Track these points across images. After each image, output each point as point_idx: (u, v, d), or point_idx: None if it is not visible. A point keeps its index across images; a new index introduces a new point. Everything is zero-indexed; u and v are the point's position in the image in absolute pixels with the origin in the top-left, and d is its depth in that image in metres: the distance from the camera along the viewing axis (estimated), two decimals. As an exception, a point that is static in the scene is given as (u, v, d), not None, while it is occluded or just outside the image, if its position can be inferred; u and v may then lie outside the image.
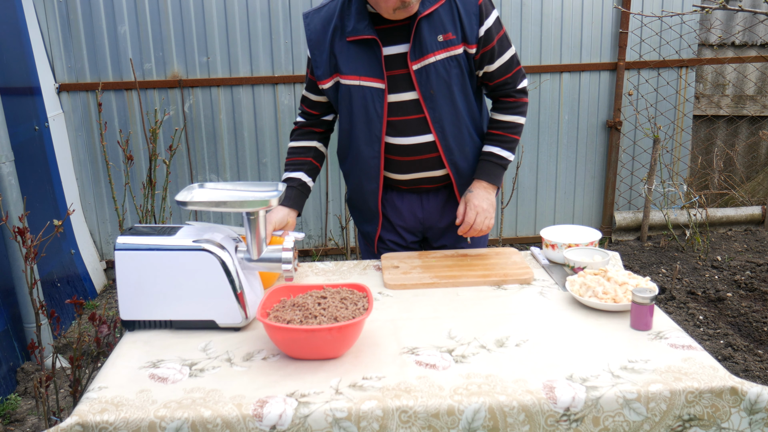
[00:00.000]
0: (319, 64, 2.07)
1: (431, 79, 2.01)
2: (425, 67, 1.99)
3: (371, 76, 2.01)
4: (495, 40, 2.04)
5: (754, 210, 5.15)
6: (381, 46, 1.98)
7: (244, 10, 4.40)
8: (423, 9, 1.94)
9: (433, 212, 2.24)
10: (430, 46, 1.98)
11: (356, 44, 2.01)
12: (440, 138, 2.08)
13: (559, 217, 5.01)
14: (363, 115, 2.06)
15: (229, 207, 1.69)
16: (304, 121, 2.25)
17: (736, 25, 5.10)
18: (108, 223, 4.65)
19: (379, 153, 2.10)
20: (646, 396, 1.36)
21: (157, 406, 1.35)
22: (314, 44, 2.07)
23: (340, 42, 2.02)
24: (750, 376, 3.12)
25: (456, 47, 1.99)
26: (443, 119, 2.06)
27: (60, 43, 4.33)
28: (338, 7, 2.03)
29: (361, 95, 2.04)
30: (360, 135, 2.11)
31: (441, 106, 2.04)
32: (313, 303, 1.60)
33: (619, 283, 1.76)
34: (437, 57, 1.99)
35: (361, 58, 2.01)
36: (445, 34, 1.98)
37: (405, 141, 2.09)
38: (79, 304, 2.27)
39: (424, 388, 1.39)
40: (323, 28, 2.04)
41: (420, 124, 2.07)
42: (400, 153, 2.11)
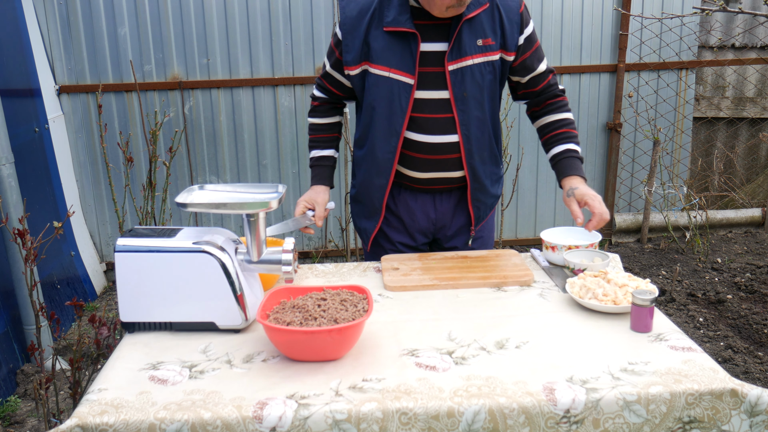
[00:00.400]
0: (351, 49, 2.06)
1: (465, 82, 2.02)
2: (461, 68, 2.01)
3: (402, 69, 2.01)
4: (534, 47, 2.11)
5: (754, 212, 5.15)
6: (420, 41, 1.99)
7: (244, 11, 4.41)
8: (467, 12, 1.96)
9: (445, 213, 2.24)
10: (468, 49, 2.00)
11: (393, 36, 2.00)
12: (464, 140, 2.09)
13: (559, 218, 5.01)
14: (386, 107, 2.06)
15: (229, 209, 1.69)
16: (326, 97, 2.25)
17: (736, 27, 5.11)
18: (108, 224, 4.65)
19: (396, 148, 2.10)
20: (646, 398, 1.36)
21: (156, 407, 1.35)
22: (348, 29, 2.05)
23: (376, 31, 2.02)
24: (750, 378, 3.11)
25: (494, 53, 2.03)
26: (470, 122, 2.07)
27: (60, 44, 4.33)
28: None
29: (387, 88, 2.04)
30: (379, 127, 2.10)
31: (471, 109, 2.06)
32: (313, 305, 1.60)
33: (619, 285, 1.76)
34: (474, 60, 2.01)
35: (395, 51, 2.01)
36: (484, 39, 2.01)
37: (428, 139, 2.09)
38: (79, 305, 2.27)
39: (424, 389, 1.39)
40: (360, 14, 2.04)
41: (446, 124, 2.07)
42: (421, 150, 2.11)
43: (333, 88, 2.22)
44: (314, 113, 2.29)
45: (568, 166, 2.11)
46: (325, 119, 2.27)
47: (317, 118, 2.28)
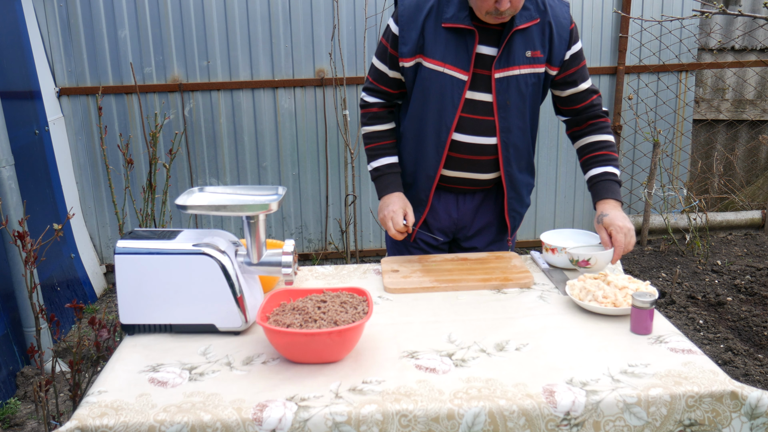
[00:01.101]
0: (407, 41, 2.05)
1: (510, 90, 2.04)
2: (507, 77, 2.02)
3: (457, 66, 2.02)
4: (579, 65, 2.12)
5: (754, 214, 5.15)
6: (477, 40, 2.00)
7: (245, 14, 4.41)
8: (520, 22, 1.97)
9: (467, 213, 2.25)
10: (517, 59, 2.01)
11: (450, 31, 2.01)
12: (503, 146, 2.11)
13: (559, 221, 5.01)
14: (438, 102, 2.07)
15: (229, 211, 1.69)
16: (380, 101, 2.22)
17: (736, 30, 5.11)
18: (108, 227, 4.65)
19: (445, 142, 2.10)
20: (646, 400, 1.36)
21: (156, 410, 1.35)
22: (405, 20, 2.05)
23: (434, 26, 2.02)
24: (750, 381, 3.11)
25: (540, 65, 2.05)
26: (511, 128, 2.09)
27: (60, 47, 4.34)
28: None
29: (440, 83, 2.04)
30: (430, 122, 2.11)
31: (512, 116, 2.08)
32: (313, 307, 1.60)
33: (619, 287, 1.76)
34: (521, 71, 2.03)
35: (451, 46, 2.01)
36: (534, 51, 2.02)
37: (466, 138, 2.10)
38: (79, 308, 2.27)
39: (424, 392, 1.38)
40: (418, 7, 2.04)
41: (487, 127, 2.09)
42: (459, 150, 2.13)
43: (388, 88, 2.19)
44: (372, 121, 2.23)
45: (604, 189, 2.09)
46: (385, 125, 2.23)
47: (376, 126, 2.22)
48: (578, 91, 2.14)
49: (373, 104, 2.22)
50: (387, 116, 2.23)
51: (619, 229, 1.93)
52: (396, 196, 2.16)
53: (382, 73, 2.17)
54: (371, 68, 2.21)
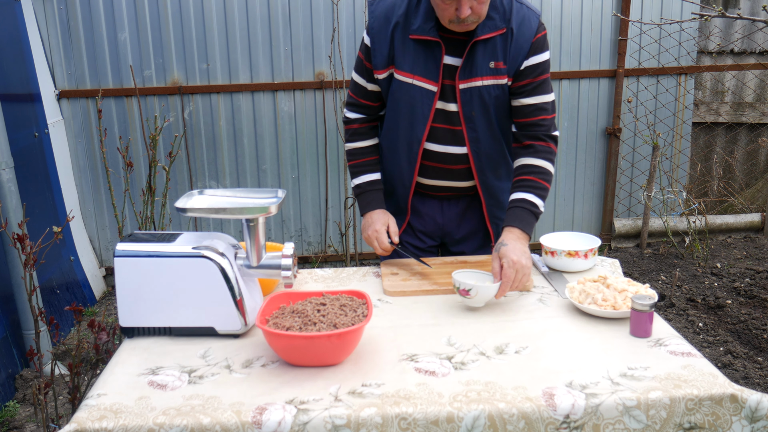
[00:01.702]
0: (378, 52, 2.04)
1: (474, 101, 2.02)
2: (470, 88, 2.00)
3: (426, 77, 2.01)
4: (535, 78, 2.02)
5: (753, 217, 5.15)
6: (444, 51, 1.98)
7: (244, 17, 4.42)
8: (482, 33, 1.94)
9: (452, 218, 2.25)
10: (479, 70, 1.98)
11: (417, 43, 2.00)
12: (474, 154, 2.09)
13: (559, 224, 5.01)
14: (409, 114, 2.07)
15: (229, 214, 1.69)
16: (362, 116, 2.20)
17: (735, 33, 5.12)
18: (107, 229, 4.65)
19: (417, 154, 2.10)
20: (645, 403, 1.36)
21: (156, 413, 1.35)
22: (376, 32, 2.04)
23: (402, 36, 2.01)
24: (750, 384, 3.11)
25: (503, 77, 2.00)
26: (480, 138, 2.08)
27: (60, 49, 4.34)
28: (405, 2, 2.01)
29: (410, 94, 2.04)
30: (402, 134, 2.11)
31: (479, 126, 2.06)
32: (312, 310, 1.59)
33: (618, 290, 1.76)
34: (484, 82, 2.00)
35: (419, 58, 2.00)
36: (497, 62, 1.98)
37: (440, 148, 2.10)
38: (79, 310, 2.26)
39: (424, 395, 1.38)
40: (386, 18, 2.02)
41: (458, 136, 2.08)
42: (433, 159, 2.13)
43: (368, 101, 2.17)
44: (354, 137, 2.21)
45: (514, 216, 1.99)
46: (366, 142, 2.21)
47: (358, 142, 2.21)
48: (526, 104, 2.05)
49: (354, 120, 2.21)
50: (368, 132, 2.21)
51: (511, 264, 1.81)
52: (378, 213, 2.14)
53: (361, 87, 2.16)
54: (351, 83, 2.19)
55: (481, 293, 1.76)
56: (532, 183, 2.03)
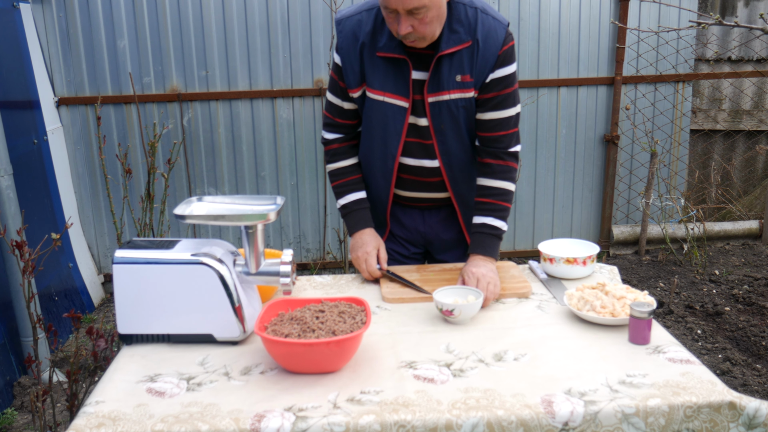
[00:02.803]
0: (350, 71, 2.03)
1: (443, 114, 2.01)
2: (438, 102, 1.99)
3: (397, 94, 2.00)
4: (500, 92, 1.99)
5: (751, 224, 5.16)
6: (411, 67, 1.97)
7: (243, 24, 4.43)
8: (446, 47, 1.92)
9: (434, 226, 2.25)
10: (446, 84, 1.96)
11: (386, 60, 1.98)
12: (446, 166, 2.09)
13: (557, 230, 5.01)
14: (382, 130, 2.06)
15: (228, 221, 1.69)
16: (340, 136, 2.18)
17: (732, 41, 5.14)
18: (106, 236, 4.65)
19: (392, 169, 2.11)
20: (644, 410, 1.36)
21: (154, 420, 1.35)
22: (345, 51, 2.03)
23: (371, 54, 1.99)
24: (748, 391, 3.11)
25: (469, 90, 1.98)
26: (450, 151, 2.07)
27: (59, 56, 4.35)
28: (372, 18, 1.99)
29: (383, 111, 2.03)
30: (376, 150, 2.11)
31: (449, 139, 2.05)
32: (311, 317, 1.59)
33: (617, 297, 1.76)
34: (451, 96, 1.98)
35: (389, 75, 1.99)
36: (463, 75, 1.96)
37: (414, 162, 2.10)
38: (77, 317, 2.26)
39: (422, 402, 1.38)
40: (354, 36, 2.00)
41: (429, 150, 2.08)
42: (408, 172, 2.13)
43: (345, 120, 2.16)
44: (334, 158, 2.19)
45: (477, 242, 2.03)
46: (347, 161, 2.18)
47: (339, 162, 2.18)
48: (487, 119, 2.02)
49: (333, 140, 2.19)
50: (349, 151, 2.19)
51: (482, 276, 1.89)
52: (368, 235, 2.12)
53: (336, 107, 2.14)
54: (326, 103, 2.18)
55: (464, 312, 1.75)
56: (491, 206, 2.05)
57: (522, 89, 4.70)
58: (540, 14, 4.60)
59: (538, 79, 4.69)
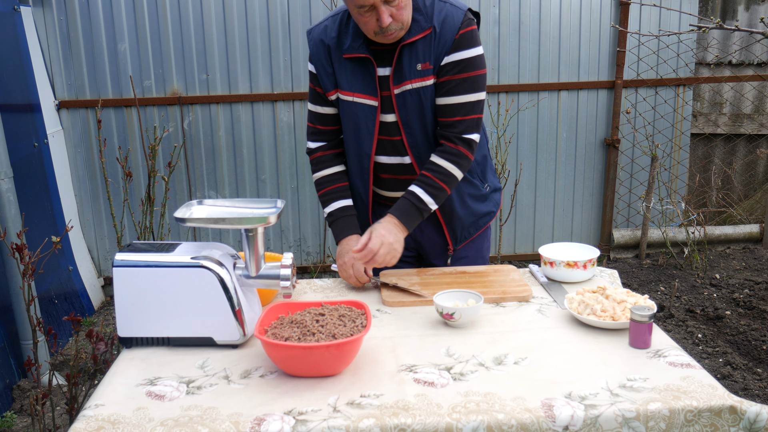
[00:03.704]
0: (324, 76, 2.08)
1: (408, 106, 2.02)
2: (402, 93, 2.01)
3: (366, 93, 2.03)
4: (455, 76, 1.98)
5: (752, 228, 5.16)
6: (375, 65, 2.00)
7: (244, 27, 4.43)
8: (407, 37, 1.95)
9: (423, 228, 2.22)
10: (408, 73, 1.99)
11: (352, 61, 2.03)
12: (417, 161, 2.10)
13: (558, 234, 5.01)
14: (354, 131, 2.09)
15: (228, 224, 1.69)
16: (323, 144, 2.18)
17: (733, 45, 5.14)
18: (106, 239, 4.65)
19: (368, 169, 2.13)
20: (645, 414, 1.35)
21: (153, 423, 1.35)
22: (315, 57, 2.08)
23: (338, 57, 2.04)
24: (749, 395, 3.10)
25: (430, 77, 1.99)
26: (418, 144, 2.08)
27: (60, 60, 4.35)
28: (337, 23, 2.05)
29: (354, 112, 2.07)
30: (352, 151, 2.14)
31: (416, 131, 2.06)
32: (311, 320, 1.59)
33: (617, 300, 1.76)
34: (414, 85, 1.99)
35: (357, 76, 2.03)
36: (423, 63, 1.98)
37: (388, 160, 2.13)
38: (77, 320, 2.26)
39: (423, 406, 1.38)
40: (321, 42, 2.06)
41: (400, 146, 2.10)
42: (386, 171, 2.15)
43: (327, 126, 2.17)
44: (319, 166, 2.19)
45: (398, 206, 2.01)
46: (332, 169, 2.18)
47: (324, 171, 2.18)
48: (444, 104, 2.01)
49: (316, 149, 2.19)
50: (333, 159, 2.19)
51: (378, 236, 1.91)
52: (354, 240, 2.08)
53: (317, 114, 2.16)
54: (309, 114, 2.20)
55: (465, 315, 1.75)
56: (427, 179, 2.02)
57: (522, 93, 4.71)
58: (540, 18, 4.61)
59: (538, 82, 4.70)
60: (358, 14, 1.88)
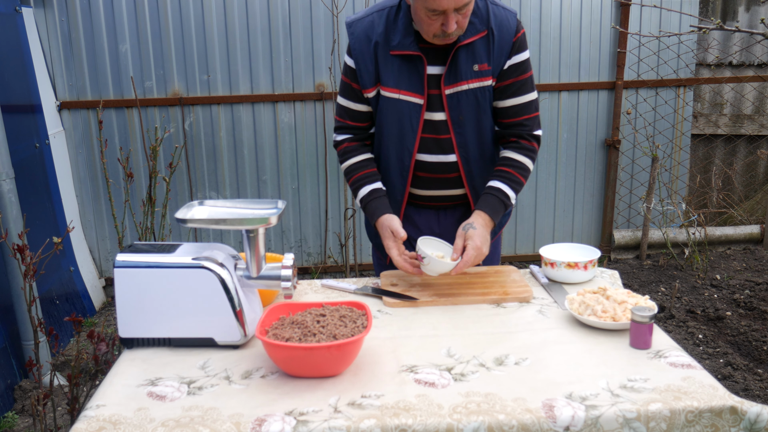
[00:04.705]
0: (364, 72, 2.07)
1: (461, 105, 2.04)
2: (457, 93, 2.03)
3: (412, 90, 2.04)
4: (518, 78, 2.06)
5: (752, 229, 5.16)
6: (426, 63, 2.01)
7: (245, 28, 4.44)
8: (463, 38, 1.97)
9: (449, 227, 2.25)
10: (464, 74, 2.01)
11: (400, 58, 2.03)
12: (463, 160, 2.12)
13: (558, 235, 5.01)
14: (397, 129, 2.09)
15: (229, 224, 1.69)
16: (351, 136, 2.19)
17: (733, 45, 5.14)
18: (107, 240, 4.65)
19: (409, 166, 2.13)
20: (645, 415, 1.35)
21: (155, 424, 1.35)
22: (358, 52, 2.07)
23: (384, 53, 2.03)
24: (750, 396, 3.10)
25: (488, 78, 2.03)
26: (468, 143, 2.10)
27: (61, 60, 4.36)
28: (383, 18, 2.04)
29: (398, 109, 2.06)
30: (392, 148, 2.13)
31: (467, 131, 2.08)
32: (312, 321, 1.59)
33: (618, 301, 1.76)
34: (470, 85, 2.03)
35: (403, 73, 2.03)
36: (480, 65, 2.01)
37: (430, 158, 2.12)
38: (78, 321, 2.26)
39: (423, 406, 1.38)
40: (367, 37, 2.05)
41: (446, 144, 2.10)
42: (424, 169, 2.15)
43: (357, 122, 2.17)
44: (347, 155, 2.19)
45: (485, 202, 2.07)
46: (360, 156, 2.18)
47: (351, 159, 2.18)
48: (509, 105, 2.09)
49: (343, 140, 2.20)
50: (360, 148, 2.20)
51: (474, 247, 1.94)
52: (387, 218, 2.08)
53: (348, 109, 2.16)
54: (337, 107, 2.20)
55: (433, 265, 1.88)
56: (510, 175, 2.11)
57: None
58: (541, 19, 4.61)
59: (539, 83, 4.70)
60: (426, 16, 1.88)
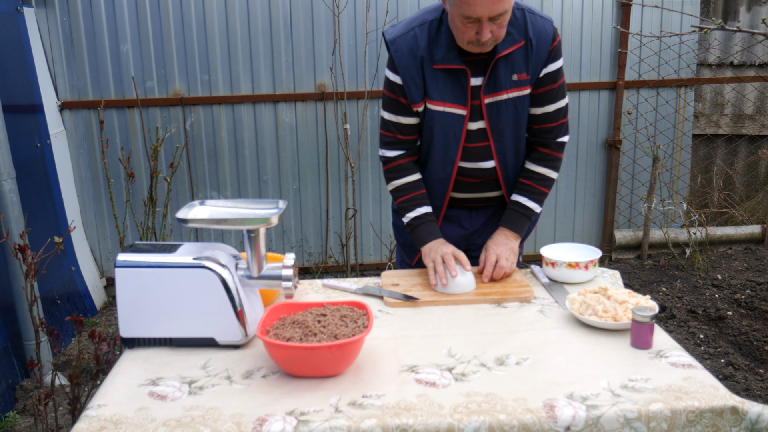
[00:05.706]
0: (412, 88, 2.07)
1: (501, 114, 2.07)
2: (496, 102, 2.06)
3: (456, 102, 2.06)
4: (552, 85, 2.09)
5: (754, 229, 5.15)
6: (470, 75, 2.03)
7: (246, 28, 4.44)
8: (502, 49, 1.99)
9: (479, 226, 2.31)
10: (504, 84, 2.03)
11: (444, 71, 2.04)
12: (501, 166, 2.16)
13: (559, 235, 5.01)
14: (442, 139, 2.12)
15: (230, 224, 1.69)
16: (401, 152, 2.19)
17: (735, 45, 5.14)
18: (108, 240, 4.66)
19: (451, 174, 2.16)
20: (646, 415, 1.35)
21: (156, 424, 1.35)
22: (405, 69, 2.06)
23: (429, 68, 2.05)
24: (751, 396, 3.10)
25: (526, 87, 2.06)
26: (506, 150, 2.14)
27: (63, 60, 4.36)
28: (425, 32, 2.04)
29: (443, 121, 2.09)
30: (436, 157, 2.16)
31: (506, 139, 2.12)
32: (312, 320, 1.60)
33: (619, 301, 1.76)
34: (509, 95, 2.05)
35: (447, 85, 2.05)
36: (519, 74, 2.04)
37: (469, 165, 2.16)
38: (79, 321, 2.27)
39: (424, 406, 1.38)
40: (412, 53, 2.04)
41: (485, 151, 2.14)
42: (464, 175, 2.19)
43: (406, 136, 2.17)
44: (399, 174, 2.19)
45: (507, 218, 2.18)
46: (411, 177, 2.20)
47: (402, 178, 2.19)
48: (541, 113, 2.14)
49: (395, 157, 2.19)
50: (411, 167, 2.21)
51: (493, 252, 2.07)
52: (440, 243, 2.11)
53: (397, 124, 2.16)
54: (383, 123, 2.19)
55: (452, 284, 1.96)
56: (529, 188, 2.19)
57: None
58: (542, 19, 4.60)
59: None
60: (461, 23, 1.89)
